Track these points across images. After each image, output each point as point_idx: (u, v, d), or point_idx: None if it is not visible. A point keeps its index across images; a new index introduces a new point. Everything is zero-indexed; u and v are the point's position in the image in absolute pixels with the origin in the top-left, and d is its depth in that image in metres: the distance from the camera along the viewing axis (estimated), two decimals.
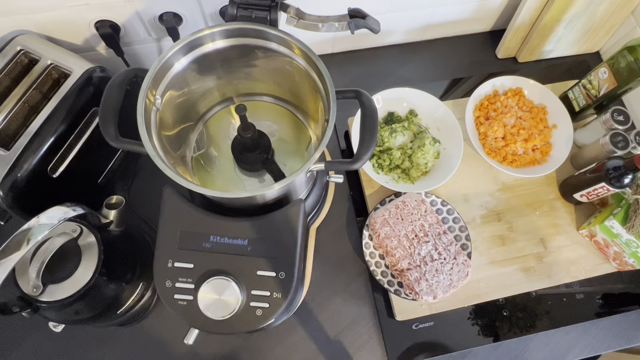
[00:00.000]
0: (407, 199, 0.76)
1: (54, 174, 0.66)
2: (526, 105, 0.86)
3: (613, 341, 0.76)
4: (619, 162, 0.71)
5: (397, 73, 0.95)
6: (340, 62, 0.95)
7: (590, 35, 0.93)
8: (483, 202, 0.82)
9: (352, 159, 0.54)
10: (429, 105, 0.82)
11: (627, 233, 0.70)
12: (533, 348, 0.75)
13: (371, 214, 0.76)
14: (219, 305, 0.52)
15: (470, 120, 0.84)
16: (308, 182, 0.67)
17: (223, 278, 0.53)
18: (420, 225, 0.74)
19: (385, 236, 0.73)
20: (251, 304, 0.54)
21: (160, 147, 0.57)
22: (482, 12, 0.93)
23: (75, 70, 0.66)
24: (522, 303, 0.77)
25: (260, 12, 0.58)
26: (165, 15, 0.73)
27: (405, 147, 0.81)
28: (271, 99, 0.75)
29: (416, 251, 0.72)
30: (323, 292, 0.76)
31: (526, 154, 0.82)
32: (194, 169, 0.71)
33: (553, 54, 0.96)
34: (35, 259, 0.53)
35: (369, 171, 0.76)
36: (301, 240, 0.59)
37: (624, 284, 0.80)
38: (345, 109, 0.79)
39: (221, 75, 0.67)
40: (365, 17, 0.57)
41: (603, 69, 0.78)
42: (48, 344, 0.70)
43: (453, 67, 0.96)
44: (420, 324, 0.75)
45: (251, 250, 0.56)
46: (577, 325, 0.76)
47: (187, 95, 0.66)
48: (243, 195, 0.53)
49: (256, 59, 0.64)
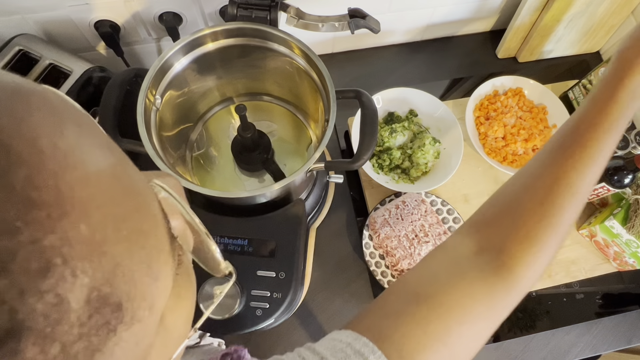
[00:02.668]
0: (407, 199, 0.75)
1: None
2: (526, 105, 0.86)
3: (613, 341, 0.76)
4: (619, 162, 0.70)
5: (397, 73, 0.95)
6: (340, 62, 0.95)
7: (590, 35, 0.92)
8: (483, 202, 0.82)
9: (352, 159, 0.54)
10: (429, 105, 0.82)
11: (627, 233, 0.70)
12: (533, 348, 0.75)
13: (371, 214, 0.76)
14: (219, 305, 0.52)
15: (470, 120, 0.84)
16: (308, 182, 0.67)
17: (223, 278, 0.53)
18: (420, 226, 0.74)
19: (386, 236, 0.73)
20: (251, 304, 0.54)
21: (160, 147, 0.57)
22: (482, 12, 0.93)
23: (75, 70, 0.66)
24: (522, 303, 0.76)
25: (260, 12, 0.58)
26: (165, 15, 0.73)
27: (405, 147, 0.81)
28: (271, 99, 0.75)
29: (416, 251, 0.72)
30: (323, 292, 0.76)
31: (526, 154, 0.82)
32: (193, 168, 0.71)
33: (553, 54, 0.96)
34: None
35: (369, 171, 0.76)
36: (301, 240, 0.59)
37: (624, 284, 0.80)
38: (345, 109, 0.79)
39: (221, 75, 0.67)
40: (365, 17, 0.57)
41: (603, 69, 0.78)
42: None
43: (453, 67, 0.96)
44: None
45: (251, 250, 0.56)
46: (577, 325, 0.76)
47: (187, 95, 0.66)
48: (243, 195, 0.53)
49: (256, 59, 0.64)
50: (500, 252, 0.38)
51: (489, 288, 0.37)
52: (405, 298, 0.36)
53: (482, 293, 0.36)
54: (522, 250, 0.37)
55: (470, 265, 0.38)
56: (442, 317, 0.34)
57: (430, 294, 0.35)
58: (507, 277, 0.37)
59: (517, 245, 0.38)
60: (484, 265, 0.38)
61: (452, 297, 0.35)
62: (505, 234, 0.39)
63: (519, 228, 0.38)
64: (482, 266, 0.38)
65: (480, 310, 0.36)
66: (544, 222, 0.38)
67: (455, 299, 0.35)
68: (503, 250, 0.38)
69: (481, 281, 0.37)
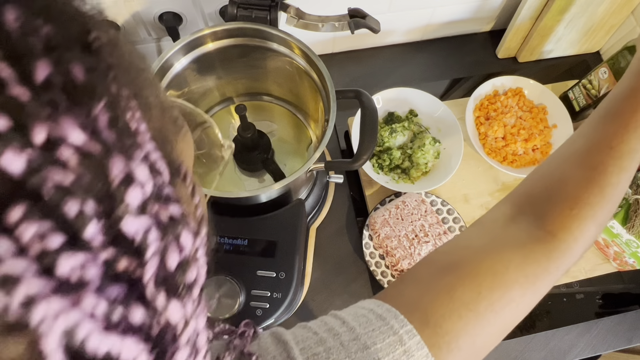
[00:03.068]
0: (407, 199, 0.75)
1: None
2: (526, 105, 0.86)
3: (613, 341, 0.76)
4: None
5: (397, 73, 0.95)
6: (340, 62, 0.95)
7: (590, 35, 0.92)
8: (483, 202, 0.82)
9: (352, 159, 0.54)
10: (429, 105, 0.82)
11: (627, 233, 0.70)
12: (533, 348, 0.75)
13: (371, 214, 0.76)
14: (219, 305, 0.52)
15: (471, 120, 0.84)
16: (308, 182, 0.67)
17: (223, 278, 0.53)
18: (420, 226, 0.74)
19: (386, 236, 0.73)
20: (251, 304, 0.54)
21: None
22: (482, 12, 0.93)
23: None
24: None
25: (260, 12, 0.58)
26: (165, 15, 0.73)
27: (405, 147, 0.81)
28: (271, 99, 0.75)
29: (416, 251, 0.72)
30: (323, 292, 0.76)
31: (526, 154, 0.82)
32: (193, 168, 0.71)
33: (553, 54, 0.96)
34: None
35: (369, 171, 0.76)
36: (301, 240, 0.59)
37: (624, 284, 0.80)
38: (345, 109, 0.79)
39: (221, 75, 0.67)
40: (365, 17, 0.57)
41: (603, 69, 0.78)
42: None
43: (453, 67, 0.96)
44: None
45: (251, 250, 0.56)
46: (577, 325, 0.76)
47: (187, 95, 0.66)
48: (243, 195, 0.53)
49: (256, 59, 0.64)
50: (541, 217, 0.36)
51: (527, 253, 0.34)
52: (434, 268, 0.34)
53: (518, 258, 0.34)
54: (565, 215, 0.35)
55: (505, 232, 0.36)
56: (471, 283, 0.32)
57: (460, 263, 0.34)
58: (549, 242, 0.35)
59: (559, 209, 0.36)
60: (521, 231, 0.36)
61: (484, 264, 0.33)
62: (545, 198, 0.37)
63: (560, 191, 0.36)
64: (519, 232, 0.36)
65: (516, 277, 0.33)
66: (589, 186, 0.36)
67: (487, 266, 0.33)
68: (545, 215, 0.36)
69: (517, 246, 0.34)
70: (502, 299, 0.32)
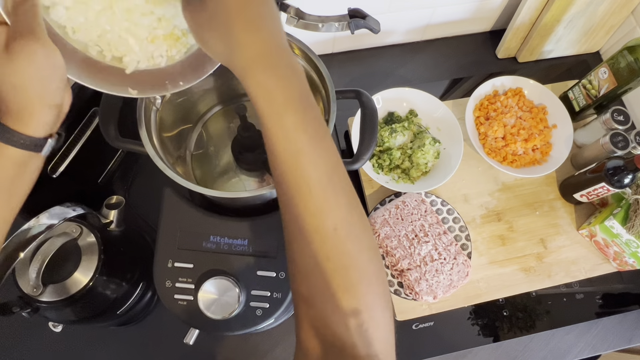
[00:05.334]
0: (407, 199, 0.76)
1: (54, 174, 0.66)
2: (526, 105, 0.86)
3: (613, 341, 0.76)
4: (619, 162, 0.70)
5: (397, 73, 0.95)
6: (340, 62, 0.95)
7: (590, 35, 0.93)
8: (483, 202, 0.82)
9: (352, 159, 0.54)
10: (429, 105, 0.82)
11: (627, 233, 0.70)
12: (533, 348, 0.75)
13: (371, 214, 0.76)
14: (219, 305, 0.52)
15: (470, 120, 0.84)
16: None
17: (223, 278, 0.53)
18: (420, 225, 0.74)
19: (385, 236, 0.73)
20: (251, 304, 0.54)
21: (160, 147, 0.57)
22: (482, 12, 0.93)
23: None
24: (522, 303, 0.77)
25: None
26: None
27: (405, 147, 0.81)
28: None
29: (416, 251, 0.72)
30: None
31: (526, 154, 0.82)
32: (193, 169, 0.71)
33: (553, 54, 0.96)
34: (35, 259, 0.53)
35: (369, 171, 0.76)
36: None
37: (624, 284, 0.80)
38: (345, 109, 0.79)
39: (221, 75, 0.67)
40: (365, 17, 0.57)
41: (603, 69, 0.78)
42: (48, 344, 0.70)
43: (453, 67, 0.96)
44: (420, 324, 0.75)
45: (251, 250, 0.56)
46: (577, 325, 0.76)
47: (187, 95, 0.66)
48: (243, 195, 0.53)
49: None
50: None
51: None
52: None
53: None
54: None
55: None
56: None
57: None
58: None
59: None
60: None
61: None
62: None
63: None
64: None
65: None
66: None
67: None
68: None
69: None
70: None
